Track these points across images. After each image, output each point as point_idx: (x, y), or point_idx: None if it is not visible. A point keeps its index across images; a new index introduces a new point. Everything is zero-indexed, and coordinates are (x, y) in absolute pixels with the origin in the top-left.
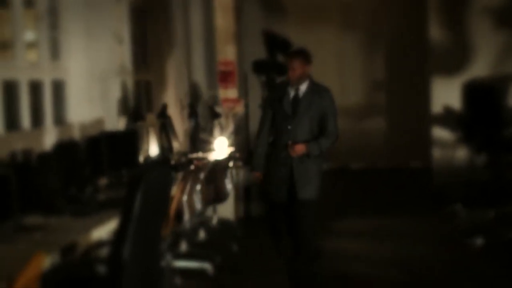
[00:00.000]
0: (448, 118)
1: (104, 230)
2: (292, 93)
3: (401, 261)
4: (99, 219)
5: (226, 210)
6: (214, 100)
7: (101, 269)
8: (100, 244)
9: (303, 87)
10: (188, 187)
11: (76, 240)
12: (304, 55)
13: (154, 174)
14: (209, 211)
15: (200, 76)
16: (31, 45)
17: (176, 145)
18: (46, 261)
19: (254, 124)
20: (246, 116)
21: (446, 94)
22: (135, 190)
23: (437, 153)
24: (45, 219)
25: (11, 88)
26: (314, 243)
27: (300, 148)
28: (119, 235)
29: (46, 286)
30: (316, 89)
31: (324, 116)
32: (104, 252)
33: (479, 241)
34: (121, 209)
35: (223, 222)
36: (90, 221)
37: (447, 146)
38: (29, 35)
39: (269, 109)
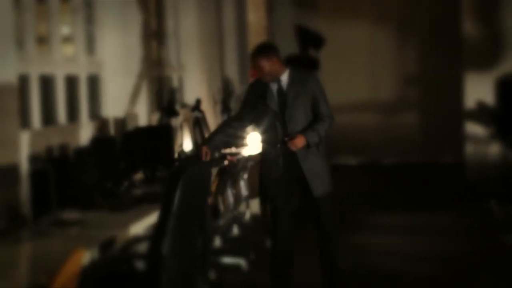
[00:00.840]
0: (481, 113)
1: (141, 226)
2: (275, 88)
3: (435, 257)
4: (136, 214)
5: (258, 206)
6: None
7: (140, 264)
8: (138, 239)
9: (285, 78)
10: (222, 183)
11: (114, 236)
12: (266, 51)
13: (194, 170)
14: (242, 207)
15: (232, 71)
16: (67, 40)
17: None
18: (85, 256)
19: None
20: None
21: (480, 89)
22: (175, 186)
23: (470, 148)
24: (82, 214)
25: (47, 83)
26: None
27: (299, 141)
28: (158, 231)
29: (86, 282)
30: (299, 76)
31: (314, 102)
32: (142, 247)
33: None
34: (161, 204)
35: (255, 218)
36: (126, 216)
37: (480, 141)
38: (65, 29)
39: (251, 107)
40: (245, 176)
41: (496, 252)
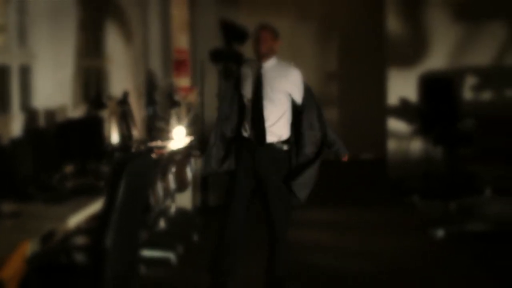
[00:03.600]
0: (404, 110)
1: (79, 217)
2: (251, 72)
3: (365, 252)
4: (71, 206)
5: (184, 199)
6: (171, 89)
7: (79, 257)
8: (77, 231)
9: (268, 65)
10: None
11: (55, 227)
12: (274, 30)
13: (138, 161)
14: (168, 201)
15: (157, 65)
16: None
17: (135, 133)
18: (29, 248)
19: (209, 113)
20: (202, 105)
21: (402, 86)
22: (119, 178)
23: (392, 145)
24: (17, 205)
25: None
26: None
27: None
28: (101, 223)
29: (30, 273)
30: (283, 67)
31: (294, 96)
32: (80, 239)
33: (440, 232)
34: (105, 196)
35: (181, 212)
36: (62, 208)
37: (402, 138)
38: None
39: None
40: (173, 169)
41: (425, 247)
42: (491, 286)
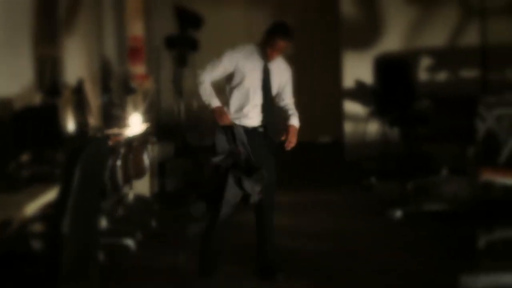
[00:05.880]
0: (360, 92)
1: (36, 205)
2: (261, 65)
3: (323, 234)
4: (28, 194)
5: (142, 186)
6: (127, 76)
7: (36, 244)
8: (33, 219)
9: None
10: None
11: (11, 216)
12: (292, 36)
13: (92, 148)
14: (125, 188)
15: (111, 52)
16: None
17: (92, 121)
18: None
19: (165, 100)
20: (158, 92)
21: (358, 68)
22: (74, 164)
23: (348, 127)
24: None
25: None
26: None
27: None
28: (58, 210)
29: None
30: (280, 61)
31: (282, 87)
32: (37, 227)
33: (398, 213)
34: (60, 182)
35: (139, 198)
36: (18, 197)
37: (359, 120)
38: None
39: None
40: (131, 156)
41: (384, 227)
42: (448, 265)
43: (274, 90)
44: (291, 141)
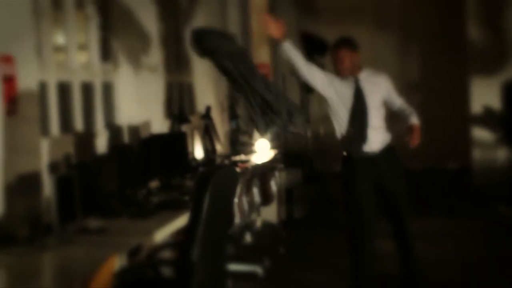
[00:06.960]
0: (488, 118)
1: (165, 232)
2: (352, 88)
3: (454, 262)
4: (156, 221)
5: (269, 212)
6: None
7: (166, 271)
8: (164, 246)
9: (362, 77)
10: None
11: (141, 242)
12: (351, 43)
13: (221, 175)
14: (253, 214)
15: None
16: (82, 47)
17: (219, 147)
18: (117, 263)
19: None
20: None
21: (486, 94)
22: (203, 191)
23: (477, 153)
24: (103, 221)
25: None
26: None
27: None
28: (188, 236)
29: (117, 287)
30: (371, 73)
31: (388, 95)
32: (167, 254)
33: None
34: (190, 210)
35: (267, 225)
36: (147, 223)
37: (487, 146)
38: (80, 37)
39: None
40: (258, 183)
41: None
42: None
43: (377, 104)
44: (415, 140)
